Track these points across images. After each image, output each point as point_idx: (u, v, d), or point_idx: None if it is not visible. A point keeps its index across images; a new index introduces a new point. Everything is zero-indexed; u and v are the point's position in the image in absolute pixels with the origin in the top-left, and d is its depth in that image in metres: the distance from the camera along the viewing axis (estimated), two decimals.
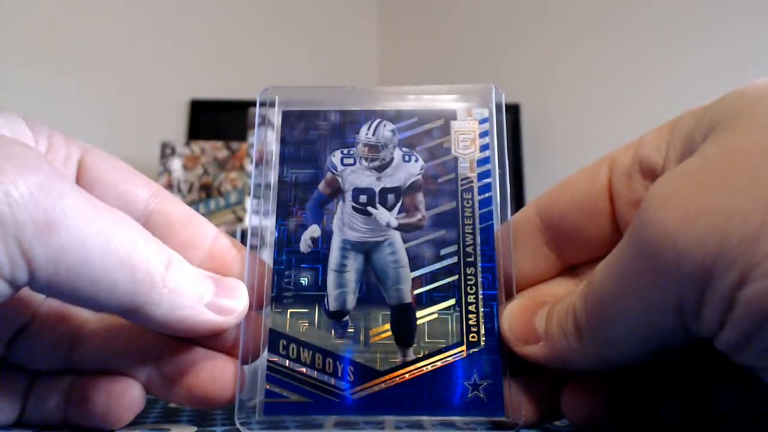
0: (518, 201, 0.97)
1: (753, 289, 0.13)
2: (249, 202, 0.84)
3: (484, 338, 0.20)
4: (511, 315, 0.20)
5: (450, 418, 0.19)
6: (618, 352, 0.18)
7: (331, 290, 0.21)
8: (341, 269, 0.21)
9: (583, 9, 1.19)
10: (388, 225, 0.22)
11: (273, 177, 0.22)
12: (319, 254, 0.21)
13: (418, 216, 0.22)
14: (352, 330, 0.20)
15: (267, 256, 0.22)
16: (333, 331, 0.20)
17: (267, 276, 0.21)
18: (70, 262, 0.16)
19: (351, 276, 0.21)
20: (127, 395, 0.20)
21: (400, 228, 0.22)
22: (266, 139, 0.23)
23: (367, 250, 0.21)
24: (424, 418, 0.19)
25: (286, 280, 0.21)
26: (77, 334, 0.21)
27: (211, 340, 0.21)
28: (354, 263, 0.21)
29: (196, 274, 0.19)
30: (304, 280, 0.21)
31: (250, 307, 0.20)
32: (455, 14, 1.37)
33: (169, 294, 0.18)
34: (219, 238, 0.22)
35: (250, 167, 0.80)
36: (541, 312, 0.20)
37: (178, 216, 0.21)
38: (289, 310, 0.21)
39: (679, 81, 1.03)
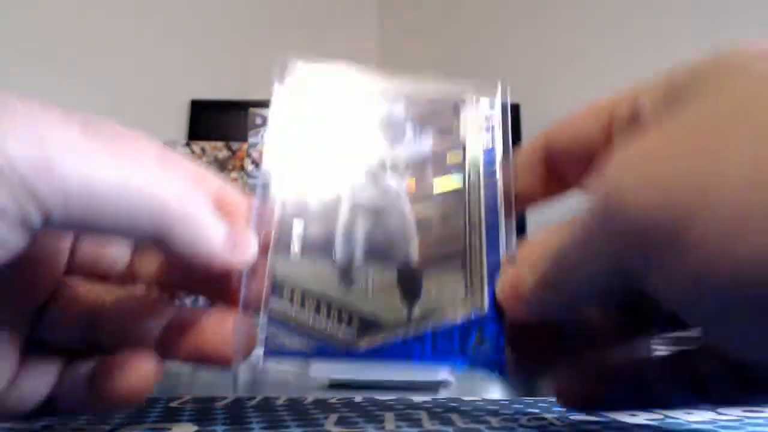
0: None
1: (698, 254, 0.14)
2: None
3: (486, 302, 0.20)
4: (504, 281, 0.21)
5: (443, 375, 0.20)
6: (577, 302, 0.19)
7: (339, 246, 0.21)
8: (350, 227, 0.21)
9: (583, 9, 1.19)
10: (397, 192, 0.22)
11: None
12: (329, 211, 0.21)
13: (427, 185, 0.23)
14: (359, 283, 0.20)
15: (276, 205, 0.22)
16: (339, 282, 0.20)
17: (275, 223, 0.21)
18: (83, 194, 0.16)
19: (360, 235, 0.21)
20: (143, 367, 0.20)
21: (409, 195, 0.22)
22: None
23: (376, 213, 0.22)
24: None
25: (295, 229, 0.21)
26: (96, 308, 0.21)
27: (217, 288, 0.21)
28: (363, 223, 0.22)
29: (210, 211, 0.19)
30: (313, 232, 0.21)
31: (257, 254, 0.20)
32: (455, 14, 1.37)
33: (184, 227, 0.18)
34: (224, 187, 0.22)
35: (250, 167, 0.80)
36: None
37: (184, 168, 0.21)
38: (296, 259, 0.20)
39: None
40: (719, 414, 0.26)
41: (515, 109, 1.01)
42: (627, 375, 0.21)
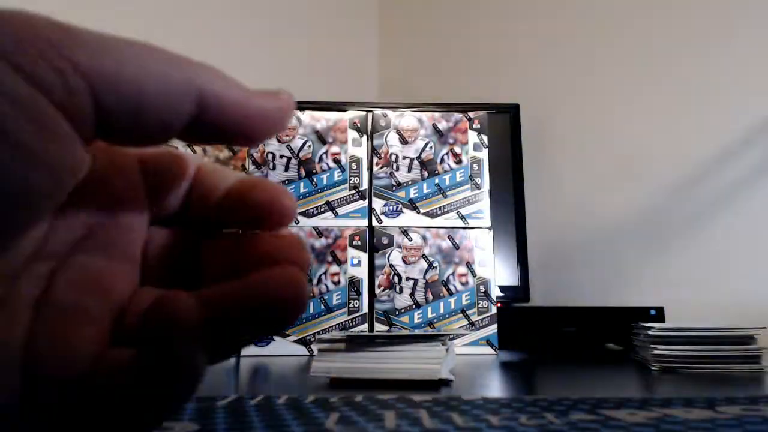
0: (518, 201, 0.97)
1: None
2: None
3: None
4: None
5: None
6: None
7: None
8: None
9: (582, 9, 1.19)
10: None
11: None
12: None
13: None
14: None
15: None
16: None
17: None
18: (114, 62, 0.15)
19: None
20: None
21: None
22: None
23: None
24: None
25: None
26: None
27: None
28: None
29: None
30: None
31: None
32: (455, 15, 1.37)
33: (215, 74, 0.18)
34: None
35: (251, 168, 0.80)
36: None
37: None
38: None
39: (678, 82, 1.04)
40: (718, 413, 0.26)
41: (515, 109, 1.01)
42: None
